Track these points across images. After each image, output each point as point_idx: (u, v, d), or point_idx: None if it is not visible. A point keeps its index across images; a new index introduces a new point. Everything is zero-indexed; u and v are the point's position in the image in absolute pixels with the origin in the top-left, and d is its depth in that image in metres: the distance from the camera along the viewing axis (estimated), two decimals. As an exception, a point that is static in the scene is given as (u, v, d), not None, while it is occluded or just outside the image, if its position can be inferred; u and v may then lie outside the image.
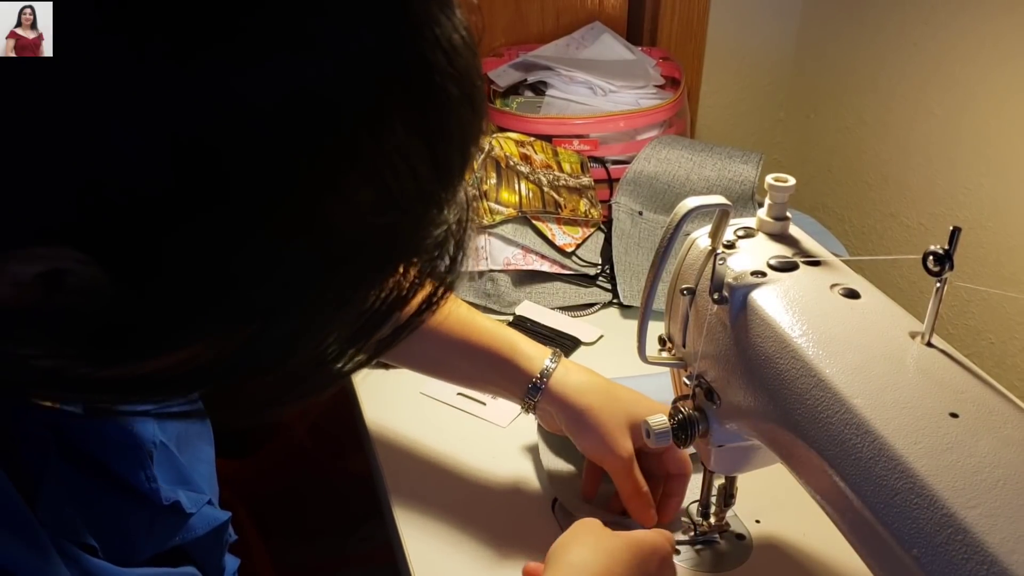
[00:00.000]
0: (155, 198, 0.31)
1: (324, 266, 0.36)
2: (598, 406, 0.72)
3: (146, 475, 0.53)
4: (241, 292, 0.35)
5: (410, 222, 0.36)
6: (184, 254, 0.33)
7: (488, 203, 1.06)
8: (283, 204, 0.33)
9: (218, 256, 0.34)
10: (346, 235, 0.35)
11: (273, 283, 0.35)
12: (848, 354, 0.51)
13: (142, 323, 0.35)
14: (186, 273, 0.34)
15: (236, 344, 0.37)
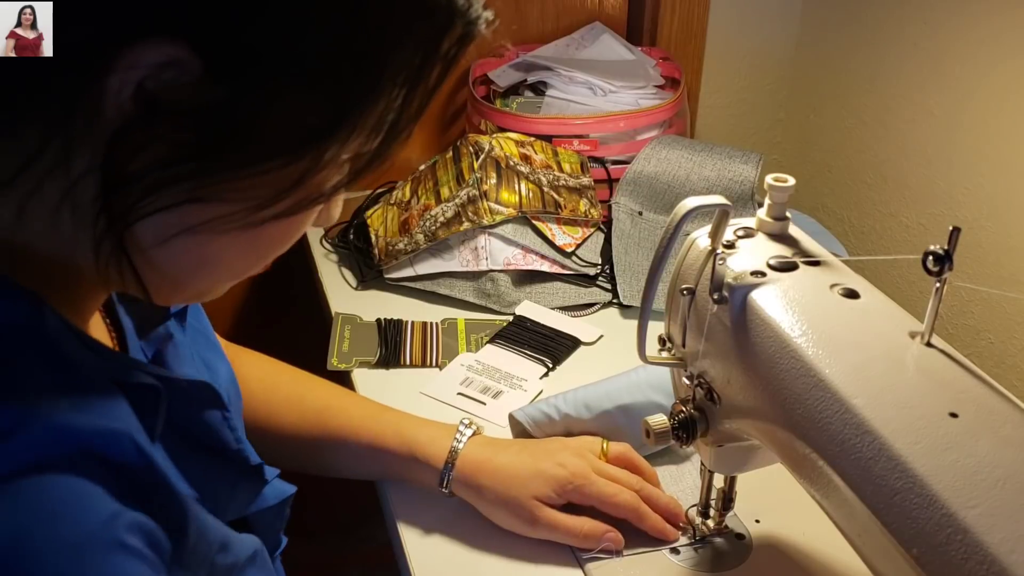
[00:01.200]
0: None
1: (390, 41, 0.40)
2: (497, 488, 0.73)
3: (234, 436, 0.55)
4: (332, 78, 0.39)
5: None
6: (275, 37, 0.37)
7: (488, 203, 1.06)
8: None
9: (307, 39, 0.38)
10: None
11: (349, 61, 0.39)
12: (848, 354, 0.51)
13: (240, 119, 0.38)
14: (279, 56, 0.37)
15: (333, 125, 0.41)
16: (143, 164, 0.38)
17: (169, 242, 0.41)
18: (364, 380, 0.94)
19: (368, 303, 1.07)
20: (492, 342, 1.00)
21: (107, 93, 0.36)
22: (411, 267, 1.08)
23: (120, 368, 0.45)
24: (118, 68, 0.36)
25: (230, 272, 0.47)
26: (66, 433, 0.38)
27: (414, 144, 1.38)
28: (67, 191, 0.39)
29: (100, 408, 0.41)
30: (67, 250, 0.42)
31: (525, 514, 0.72)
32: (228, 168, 0.39)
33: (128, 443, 0.41)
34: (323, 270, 1.13)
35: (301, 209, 0.43)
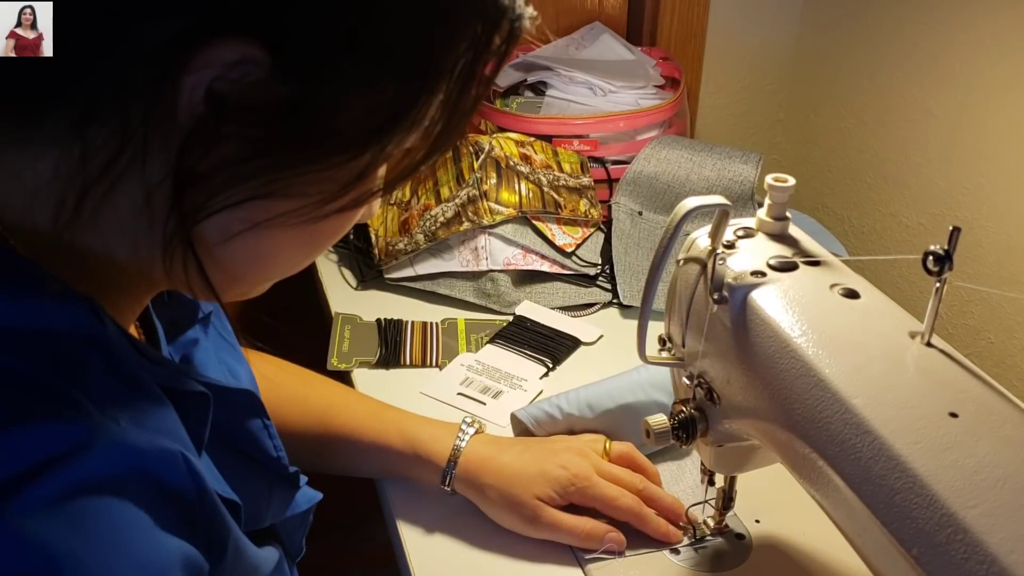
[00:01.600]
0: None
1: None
2: (500, 486, 0.73)
3: (273, 444, 0.56)
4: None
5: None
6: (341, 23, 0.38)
7: (488, 203, 1.06)
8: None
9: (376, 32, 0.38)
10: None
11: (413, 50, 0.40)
12: (848, 354, 0.51)
13: (315, 114, 0.39)
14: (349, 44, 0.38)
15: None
16: (212, 163, 0.38)
17: (233, 238, 0.42)
18: (364, 380, 0.94)
19: (368, 303, 1.07)
20: (492, 342, 1.00)
21: (181, 93, 0.37)
22: (411, 267, 1.08)
23: (172, 375, 0.45)
24: (193, 68, 0.36)
25: (285, 267, 0.47)
26: (125, 453, 0.38)
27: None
28: (143, 193, 0.39)
29: (155, 421, 0.41)
30: (126, 251, 0.42)
31: (527, 513, 0.72)
32: (295, 164, 0.40)
33: (180, 465, 0.40)
34: (323, 270, 1.13)
35: (362, 203, 0.44)
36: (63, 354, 0.39)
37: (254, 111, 0.38)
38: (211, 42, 0.36)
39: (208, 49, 0.36)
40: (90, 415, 0.37)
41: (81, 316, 0.40)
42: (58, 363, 0.38)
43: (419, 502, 0.78)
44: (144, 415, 0.41)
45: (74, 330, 0.40)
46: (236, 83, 0.37)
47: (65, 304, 0.40)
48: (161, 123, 0.37)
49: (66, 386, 0.37)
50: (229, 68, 0.36)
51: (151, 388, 0.42)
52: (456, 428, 0.76)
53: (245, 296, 0.49)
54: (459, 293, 1.06)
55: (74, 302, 0.41)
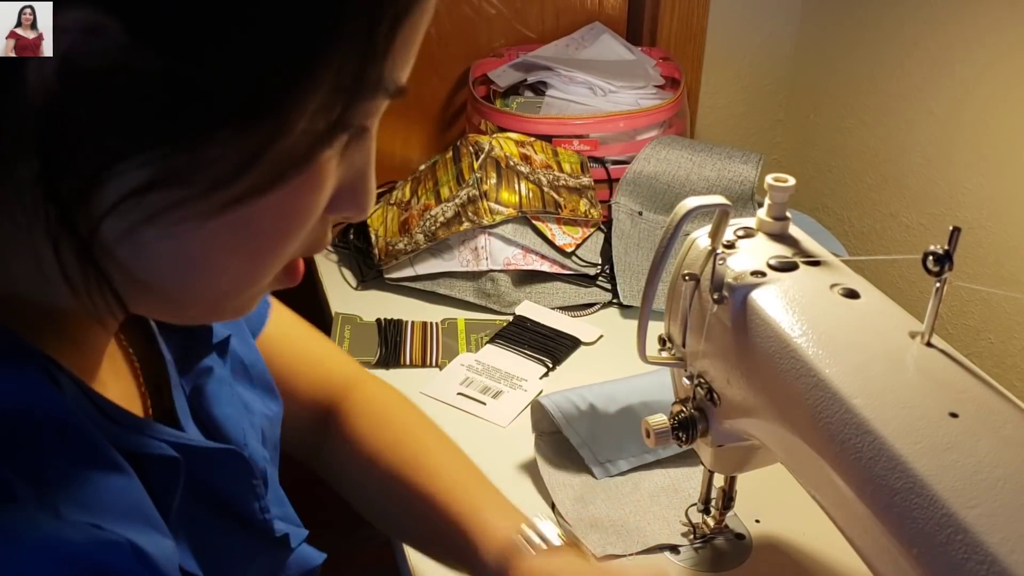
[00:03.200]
0: None
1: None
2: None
3: (260, 506, 0.52)
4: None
5: None
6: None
7: (488, 203, 1.06)
8: None
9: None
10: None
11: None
12: (848, 354, 0.51)
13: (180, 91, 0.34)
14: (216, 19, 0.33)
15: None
16: (83, 151, 0.34)
17: (138, 240, 0.36)
18: (364, 380, 0.94)
19: (368, 303, 1.07)
20: (492, 342, 1.00)
21: (28, 69, 0.32)
22: (411, 267, 1.08)
23: (137, 438, 0.42)
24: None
25: (232, 278, 0.41)
26: (60, 552, 0.35)
27: (414, 144, 1.38)
28: (17, 206, 0.35)
29: (108, 499, 0.38)
30: (54, 288, 0.38)
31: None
32: (173, 141, 0.35)
33: (127, 555, 0.37)
34: (323, 270, 1.13)
35: (272, 185, 0.37)
36: (5, 430, 0.36)
37: (117, 83, 0.33)
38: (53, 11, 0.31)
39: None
40: (19, 506, 0.34)
41: (31, 383, 0.37)
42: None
43: (419, 502, 0.78)
44: (94, 494, 0.37)
45: (22, 400, 0.36)
46: (91, 54, 0.32)
47: (15, 370, 0.37)
48: (15, 116, 0.33)
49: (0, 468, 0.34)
50: (79, 37, 0.32)
51: (109, 459, 0.39)
52: (519, 544, 0.61)
53: (211, 318, 0.44)
54: (459, 293, 1.06)
55: (26, 365, 0.37)
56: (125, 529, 0.38)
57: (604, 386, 0.83)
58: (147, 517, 0.40)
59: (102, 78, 0.33)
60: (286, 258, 0.41)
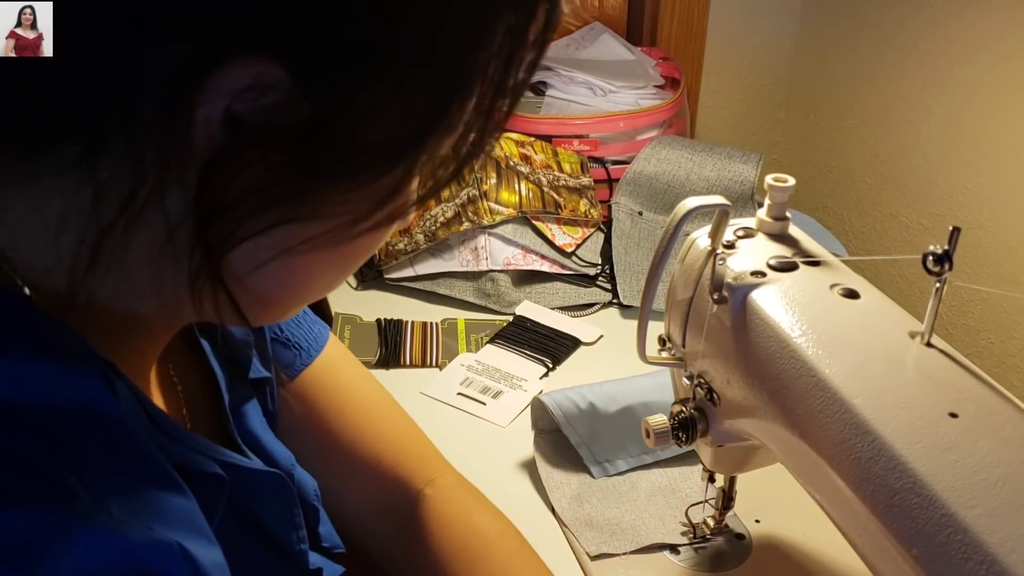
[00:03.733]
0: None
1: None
2: None
3: (297, 536, 0.52)
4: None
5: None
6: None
7: (488, 203, 1.06)
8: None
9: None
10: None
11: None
12: (848, 354, 0.51)
13: (334, 133, 0.36)
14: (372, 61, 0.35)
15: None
16: (236, 192, 0.36)
17: (263, 266, 0.39)
18: (364, 380, 0.94)
19: (368, 303, 1.07)
20: (492, 342, 1.00)
21: (196, 122, 0.34)
22: (411, 267, 1.08)
23: (186, 453, 0.43)
24: (207, 94, 0.33)
25: (320, 289, 0.44)
26: (113, 545, 0.35)
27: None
28: (165, 231, 0.36)
29: (157, 507, 0.39)
30: (149, 296, 0.40)
31: None
32: (323, 186, 0.37)
33: (176, 556, 0.38)
34: (323, 270, 1.13)
35: (397, 217, 0.41)
36: (63, 431, 0.36)
37: (276, 133, 0.35)
38: (223, 65, 0.33)
39: (220, 73, 0.33)
40: (77, 503, 0.34)
41: (91, 387, 0.37)
42: (55, 442, 0.35)
43: (419, 502, 0.78)
44: (145, 501, 0.38)
45: (81, 404, 0.37)
46: (255, 105, 0.34)
47: (76, 373, 0.37)
48: (177, 155, 0.35)
49: (56, 468, 0.34)
50: (245, 91, 0.33)
51: (160, 468, 0.40)
52: None
53: (278, 320, 0.46)
54: (459, 293, 1.06)
55: (87, 369, 0.38)
56: (176, 535, 0.38)
57: (604, 385, 0.83)
58: (196, 526, 0.41)
59: (264, 128, 0.34)
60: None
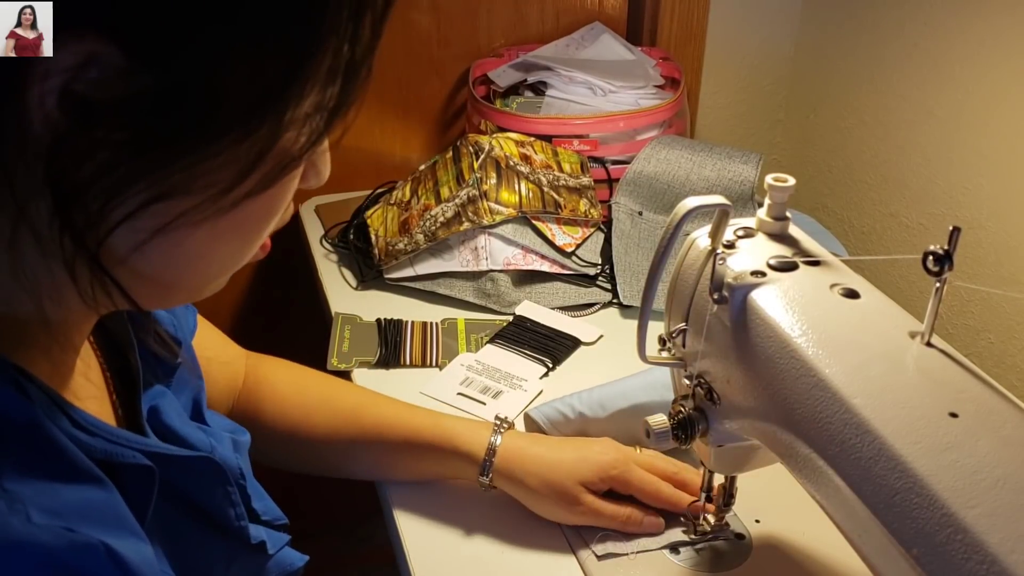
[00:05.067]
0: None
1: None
2: (542, 475, 0.73)
3: (235, 512, 0.53)
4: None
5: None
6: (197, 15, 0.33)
7: (488, 203, 1.06)
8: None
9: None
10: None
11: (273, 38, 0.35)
12: (848, 354, 0.51)
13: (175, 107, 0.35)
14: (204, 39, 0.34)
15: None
16: (91, 173, 0.35)
17: (145, 247, 0.38)
18: (364, 380, 0.94)
19: (368, 303, 1.07)
20: (492, 342, 1.00)
21: (30, 108, 0.33)
22: (411, 267, 1.08)
23: (110, 447, 0.43)
24: (32, 80, 0.32)
25: (221, 264, 0.43)
26: (30, 554, 0.35)
27: (414, 144, 1.38)
28: (17, 226, 0.36)
29: (79, 507, 0.39)
30: (34, 296, 0.39)
31: (569, 498, 0.73)
32: (182, 157, 0.36)
33: (101, 556, 0.38)
34: (323, 270, 1.13)
35: (273, 181, 0.39)
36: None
37: (120, 108, 0.34)
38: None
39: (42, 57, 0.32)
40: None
41: (1, 395, 0.37)
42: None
43: (419, 502, 0.78)
44: (65, 502, 0.38)
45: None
46: (93, 82, 0.33)
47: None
48: (19, 147, 0.34)
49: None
50: (79, 69, 0.33)
51: (80, 467, 0.40)
52: (490, 425, 0.76)
53: (196, 299, 0.46)
54: (459, 293, 1.06)
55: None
56: (99, 533, 0.38)
57: (594, 392, 0.83)
58: (122, 522, 0.41)
59: (104, 105, 0.34)
60: (265, 237, 0.44)
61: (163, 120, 0.35)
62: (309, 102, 0.38)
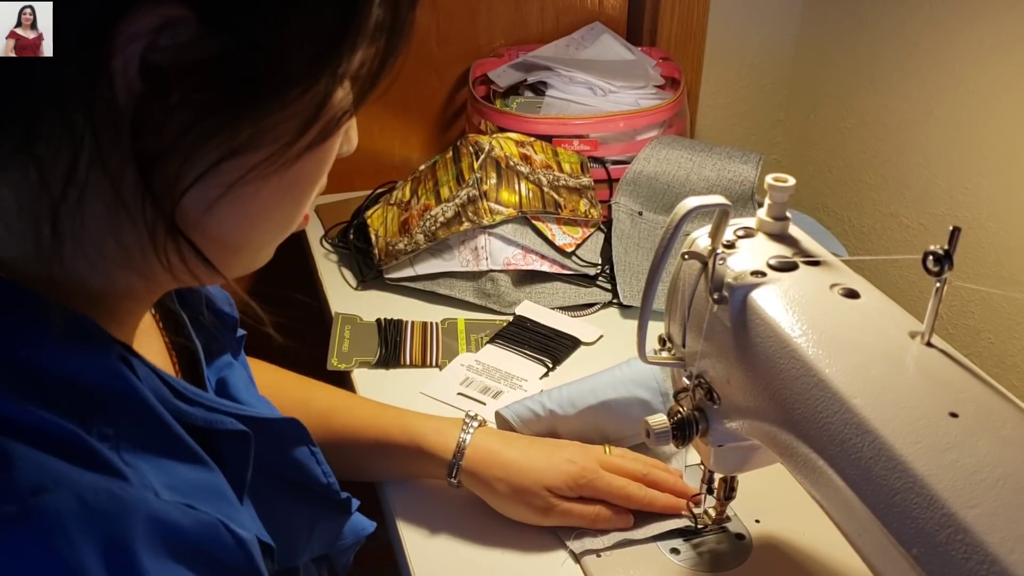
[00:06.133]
0: None
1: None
2: (511, 480, 0.73)
3: (323, 470, 0.55)
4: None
5: None
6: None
7: (488, 203, 1.06)
8: None
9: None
10: None
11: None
12: (848, 354, 0.51)
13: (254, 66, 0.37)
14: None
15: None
16: (169, 137, 0.37)
17: (216, 206, 0.40)
18: (364, 380, 0.94)
19: (368, 303, 1.07)
20: (492, 342, 1.00)
21: (115, 76, 0.35)
22: (411, 267, 1.08)
23: (210, 415, 0.44)
24: (117, 47, 0.34)
25: (278, 223, 0.45)
26: (172, 530, 0.37)
27: (414, 144, 1.38)
28: (112, 192, 0.37)
29: (191, 481, 0.40)
30: (119, 261, 0.41)
31: (540, 504, 0.73)
32: (252, 113, 0.38)
33: (226, 536, 0.40)
34: (323, 270, 1.13)
35: (331, 133, 0.42)
36: (98, 414, 0.37)
37: (194, 72, 0.36)
38: (128, 15, 0.34)
39: (126, 23, 0.34)
40: (131, 486, 0.36)
41: (112, 368, 0.39)
42: (93, 424, 0.37)
43: (419, 502, 0.78)
44: (182, 479, 0.40)
45: (107, 386, 0.39)
46: (167, 49, 0.35)
47: (95, 355, 0.39)
48: (105, 114, 0.36)
49: (109, 453, 0.36)
50: (155, 36, 0.34)
51: (186, 445, 0.41)
52: (459, 423, 0.77)
53: (250, 268, 0.47)
54: (459, 293, 1.06)
55: (104, 351, 0.39)
56: (215, 511, 0.40)
57: (563, 390, 0.83)
58: (225, 496, 0.43)
59: (180, 69, 0.36)
60: (312, 202, 0.46)
61: (234, 80, 0.37)
62: (359, 57, 0.40)
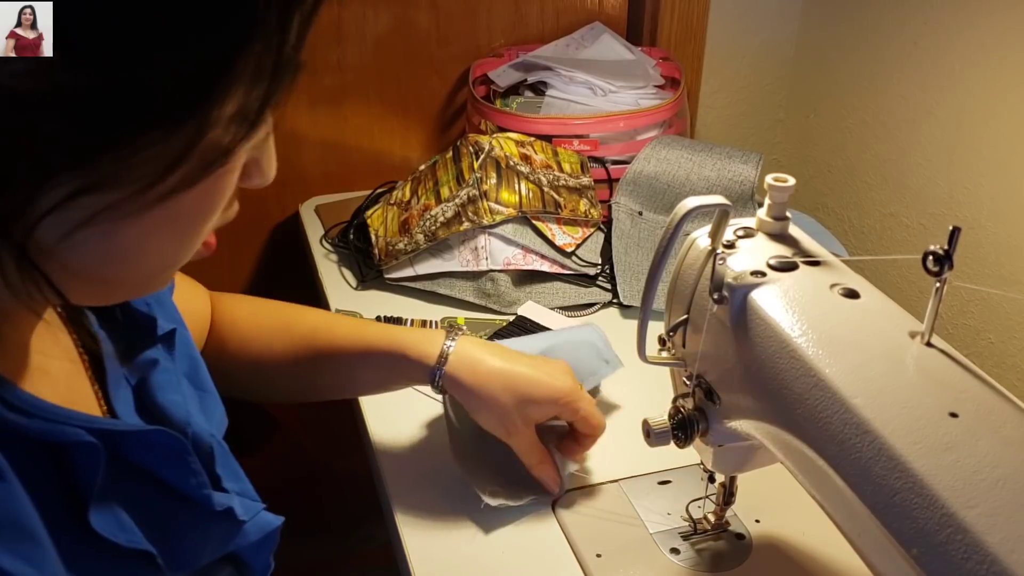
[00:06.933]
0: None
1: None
2: (492, 387, 0.74)
3: (196, 481, 0.53)
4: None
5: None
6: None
7: (488, 203, 1.06)
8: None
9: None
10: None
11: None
12: (848, 354, 0.51)
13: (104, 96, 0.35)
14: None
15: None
16: (16, 163, 0.35)
17: (73, 239, 0.39)
18: (364, 380, 0.94)
19: (368, 303, 1.07)
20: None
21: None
22: (411, 267, 1.08)
23: (53, 427, 0.44)
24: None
25: (157, 260, 0.44)
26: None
27: (414, 144, 1.38)
28: None
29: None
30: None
31: (509, 421, 0.74)
32: (105, 151, 0.36)
33: None
34: (323, 270, 1.13)
35: (199, 178, 0.39)
36: None
37: (44, 102, 0.34)
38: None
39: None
40: None
41: None
42: None
43: (419, 502, 0.78)
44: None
45: None
46: (18, 75, 0.34)
47: None
48: None
49: None
50: (5, 62, 0.33)
51: (22, 449, 0.41)
52: (443, 333, 0.77)
53: (140, 293, 0.46)
54: (459, 293, 1.06)
55: None
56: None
57: (513, 343, 0.86)
58: (19, 527, 0.41)
59: (30, 97, 0.34)
60: (207, 234, 0.45)
61: (89, 114, 0.35)
62: (235, 101, 0.38)
